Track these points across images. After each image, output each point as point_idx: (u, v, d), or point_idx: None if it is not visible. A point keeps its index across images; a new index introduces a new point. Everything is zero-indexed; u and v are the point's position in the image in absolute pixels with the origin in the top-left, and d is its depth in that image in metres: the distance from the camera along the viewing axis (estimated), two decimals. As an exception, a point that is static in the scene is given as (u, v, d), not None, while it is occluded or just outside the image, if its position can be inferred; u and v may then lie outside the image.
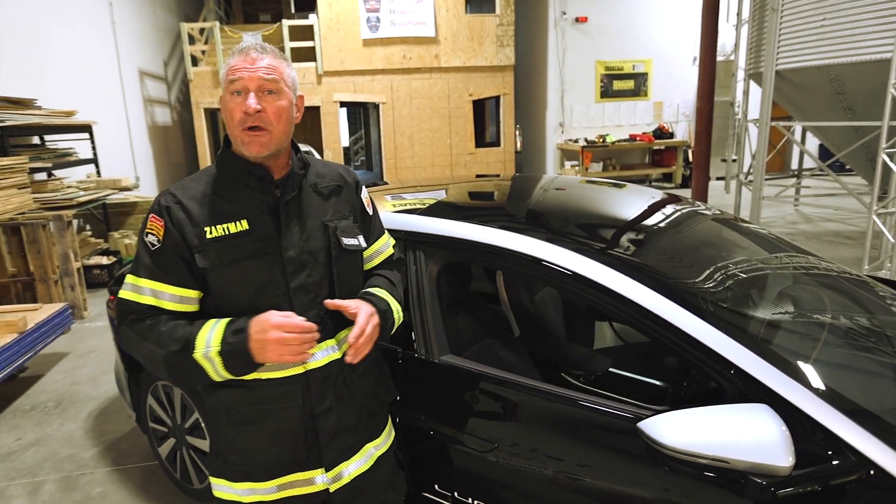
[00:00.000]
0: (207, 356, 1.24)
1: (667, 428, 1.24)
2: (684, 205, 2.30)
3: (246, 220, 1.29)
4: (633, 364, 2.26)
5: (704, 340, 1.35)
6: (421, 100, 10.09)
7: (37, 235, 4.72)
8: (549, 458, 1.48)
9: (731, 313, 1.52)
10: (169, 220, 1.27)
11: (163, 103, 9.80)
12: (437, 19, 9.77)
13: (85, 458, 2.96)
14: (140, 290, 1.29)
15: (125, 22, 8.34)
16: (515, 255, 1.67)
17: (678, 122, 11.25)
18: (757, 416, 1.18)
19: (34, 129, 5.46)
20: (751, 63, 7.15)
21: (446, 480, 1.66)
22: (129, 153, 8.17)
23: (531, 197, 2.41)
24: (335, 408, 1.37)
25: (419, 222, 1.88)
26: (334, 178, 1.46)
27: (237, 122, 1.25)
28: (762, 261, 1.98)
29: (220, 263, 1.27)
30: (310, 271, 1.33)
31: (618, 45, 10.75)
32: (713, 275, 1.70)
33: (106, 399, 3.58)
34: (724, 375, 1.32)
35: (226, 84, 1.27)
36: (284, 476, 1.36)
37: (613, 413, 1.43)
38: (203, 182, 1.34)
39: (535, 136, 11.47)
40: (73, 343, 4.48)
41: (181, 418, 2.43)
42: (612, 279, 1.50)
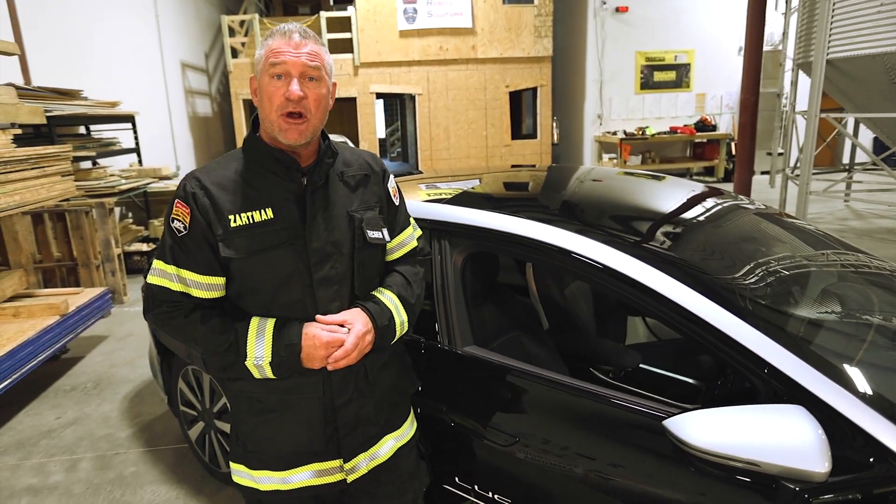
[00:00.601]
0: (258, 365, 1.27)
1: (694, 427, 1.19)
2: (725, 198, 2.22)
3: (271, 208, 1.26)
4: (666, 361, 2.19)
5: (737, 337, 1.30)
6: (457, 91, 10.02)
7: (80, 222, 4.87)
8: (573, 454, 1.45)
9: (768, 310, 1.46)
10: (195, 206, 1.25)
11: (203, 94, 10.02)
12: (475, 10, 9.67)
13: (120, 438, 3.05)
14: (170, 276, 1.28)
15: (168, 15, 8.54)
16: (543, 246, 1.62)
17: (721, 115, 10.91)
18: (791, 417, 1.13)
19: (80, 119, 5.64)
20: (800, 52, 6.89)
21: (467, 473, 1.64)
22: (171, 143, 8.38)
23: (566, 188, 2.35)
24: (355, 400, 1.37)
25: (444, 211, 1.85)
26: (361, 166, 1.43)
27: (276, 106, 1.22)
28: (807, 257, 1.90)
29: (244, 253, 1.25)
30: (334, 263, 1.31)
31: (659, 35, 10.45)
32: (752, 271, 1.64)
33: (141, 382, 3.68)
34: (757, 374, 1.26)
35: (265, 66, 1.23)
36: (302, 466, 1.36)
37: (639, 410, 1.39)
38: (229, 167, 1.31)
39: (573, 129, 11.29)
40: (113, 327, 4.62)
41: (210, 402, 2.46)
42: (644, 273, 1.45)
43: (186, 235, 1.26)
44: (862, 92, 6.27)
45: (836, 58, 5.93)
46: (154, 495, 2.57)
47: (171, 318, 1.29)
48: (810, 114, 6.21)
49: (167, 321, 1.29)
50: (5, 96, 3.64)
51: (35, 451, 2.97)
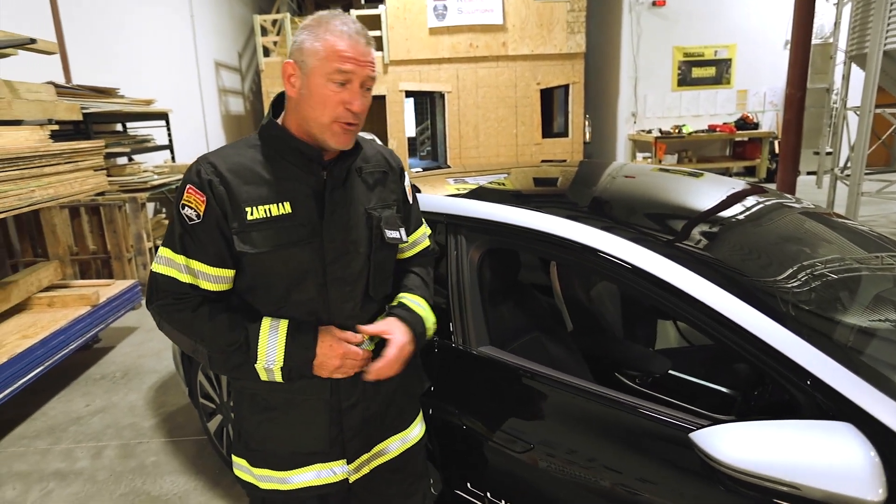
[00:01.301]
0: (269, 369, 1.23)
1: (725, 441, 1.08)
2: (768, 196, 2.09)
3: (289, 202, 1.20)
4: (698, 368, 2.07)
5: (776, 344, 1.18)
6: (487, 89, 9.91)
7: (114, 216, 5.01)
8: (591, 464, 1.36)
9: (813, 316, 1.34)
10: (211, 194, 1.18)
11: (236, 93, 10.19)
12: (506, 6, 9.54)
13: (144, 427, 3.11)
14: (178, 266, 1.21)
15: (203, 15, 8.71)
16: (566, 243, 1.53)
17: (764, 112, 10.44)
18: (839, 436, 1.00)
19: (116, 116, 5.79)
20: (853, 44, 6.51)
21: (480, 479, 1.57)
22: (204, 140, 8.55)
23: (596, 183, 2.25)
24: (362, 402, 1.34)
25: (461, 205, 1.79)
26: (379, 163, 1.38)
27: (332, 112, 1.16)
28: (858, 259, 1.75)
29: (260, 249, 1.19)
30: (349, 262, 1.26)
31: (698, 29, 10.05)
32: (796, 273, 1.51)
33: (167, 373, 3.75)
34: (799, 386, 1.14)
35: (321, 63, 1.14)
36: (304, 467, 1.33)
37: (665, 420, 1.29)
38: (244, 154, 1.23)
39: (606, 127, 11.03)
40: (142, 318, 4.73)
41: (227, 396, 2.47)
42: (675, 274, 1.35)
43: (199, 224, 1.19)
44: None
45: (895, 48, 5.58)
46: (173, 485, 2.61)
47: (176, 311, 1.22)
48: (864, 109, 5.85)
49: (172, 314, 1.23)
50: (44, 94, 3.75)
51: (64, 436, 3.05)
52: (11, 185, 3.04)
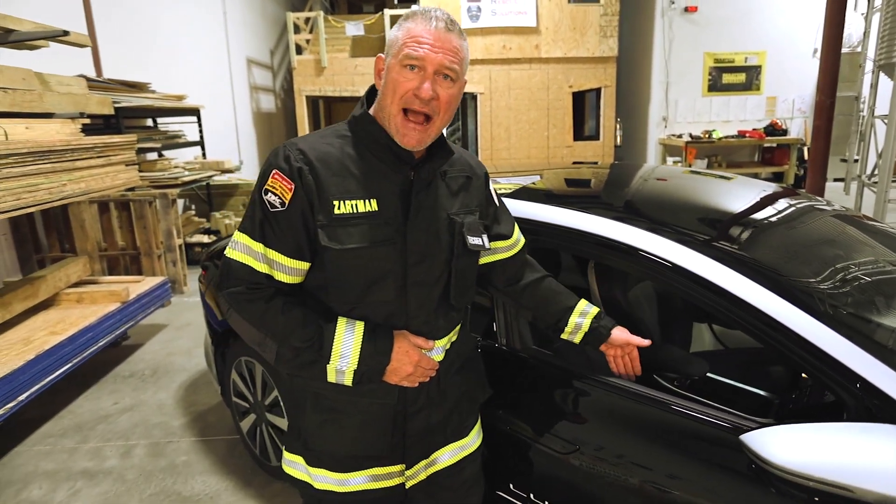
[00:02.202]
0: (341, 370, 1.19)
1: (776, 443, 1.09)
2: (802, 199, 2.13)
3: (375, 199, 1.16)
4: (734, 371, 2.05)
5: (825, 348, 1.20)
6: (519, 91, 9.84)
7: (144, 211, 4.97)
8: (637, 465, 1.36)
9: (858, 319, 1.37)
10: (300, 183, 1.13)
11: (268, 90, 10.20)
12: (539, 9, 9.48)
13: (174, 426, 3.03)
14: (255, 254, 1.17)
15: (236, 12, 8.72)
16: (610, 244, 1.55)
17: (793, 119, 10.39)
18: (890, 438, 1.03)
19: (147, 111, 5.78)
20: (882, 53, 6.63)
21: (523, 480, 1.57)
22: (235, 137, 8.55)
23: (630, 185, 2.25)
24: (426, 408, 1.32)
25: (509, 206, 1.75)
26: (464, 167, 1.35)
27: (400, 97, 1.13)
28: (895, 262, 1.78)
29: (346, 245, 1.15)
30: (429, 266, 1.23)
31: (729, 35, 10.02)
32: (840, 275, 1.54)
33: (197, 371, 3.67)
34: (848, 389, 1.16)
35: (398, 49, 1.13)
36: (362, 470, 1.30)
37: (712, 422, 1.30)
38: (333, 143, 1.20)
39: (637, 131, 10.94)
40: (172, 316, 4.68)
41: (262, 395, 2.41)
42: (720, 274, 1.36)
43: (283, 213, 1.14)
44: None
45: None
46: (204, 485, 2.53)
47: (249, 302, 1.17)
48: (892, 117, 6.02)
49: (244, 304, 1.18)
50: (76, 87, 3.70)
51: (92, 434, 2.98)
52: (43, 178, 2.99)
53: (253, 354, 2.39)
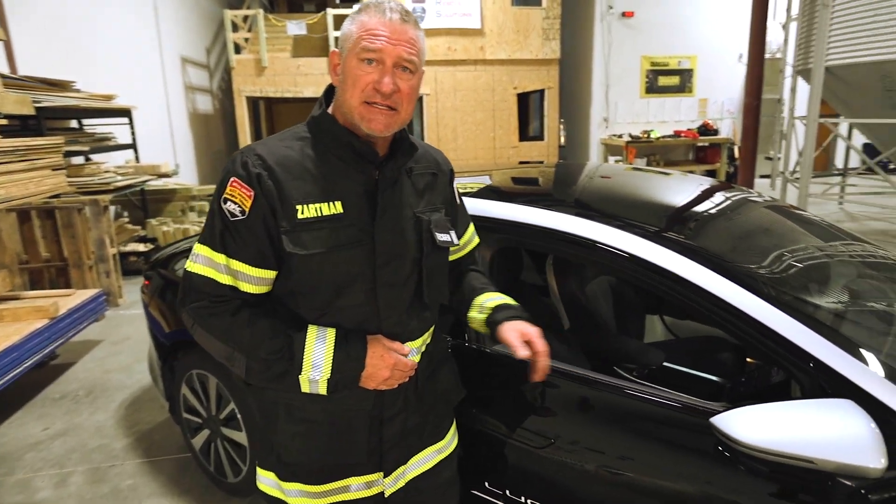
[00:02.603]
0: (314, 380, 1.15)
1: (743, 424, 1.15)
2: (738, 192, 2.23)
3: (340, 201, 1.14)
4: (686, 359, 2.15)
5: (780, 330, 1.27)
6: (465, 92, 9.89)
7: (72, 220, 4.59)
8: (610, 455, 1.40)
9: (803, 302, 1.44)
10: (259, 189, 1.09)
11: (204, 91, 9.76)
12: (484, 11, 9.57)
13: (115, 448, 2.80)
14: (218, 266, 1.12)
15: (167, 7, 8.28)
16: (580, 241, 1.57)
17: (722, 120, 11.02)
18: (844, 412, 1.10)
19: (72, 111, 5.36)
20: (799, 59, 7.21)
21: (498, 477, 1.57)
22: (170, 140, 8.11)
23: (586, 182, 2.30)
24: (403, 412, 1.29)
25: (471, 205, 1.76)
26: (430, 164, 1.33)
27: (360, 92, 1.10)
28: (826, 248, 1.91)
29: (312, 250, 1.11)
30: (398, 266, 1.20)
31: (664, 40, 10.51)
32: (781, 261, 1.63)
33: (139, 388, 3.41)
34: (802, 368, 1.23)
35: (353, 43, 1.10)
36: (339, 480, 1.26)
37: (682, 408, 1.34)
38: (292, 146, 1.16)
39: (579, 131, 11.23)
40: (107, 330, 4.35)
41: (216, 409, 2.27)
42: (688, 269, 1.41)
43: (243, 221, 1.10)
44: (857, 98, 6.58)
45: (834, 65, 6.24)
46: (154, 511, 2.32)
47: (213, 316, 1.13)
48: (810, 119, 6.49)
49: (208, 318, 1.14)
50: (-13, 84, 3.37)
51: (19, 465, 2.70)
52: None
53: (206, 367, 2.23)
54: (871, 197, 8.41)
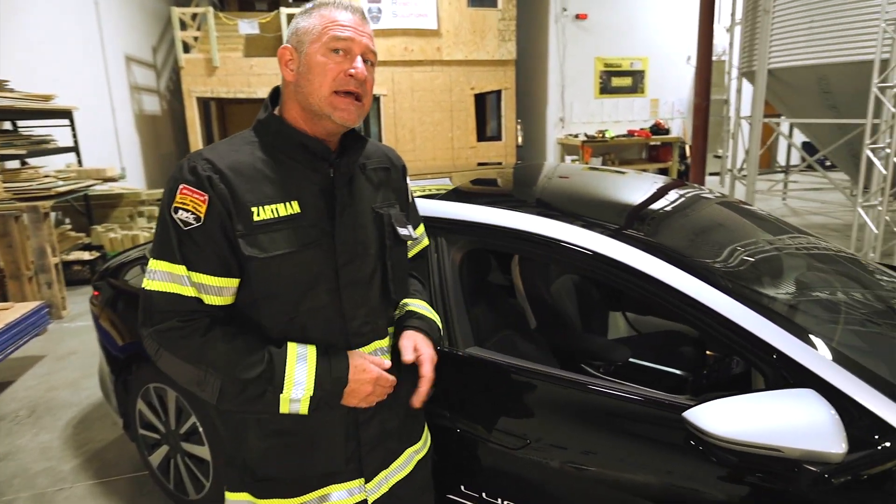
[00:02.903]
0: (296, 399, 1.10)
1: (714, 417, 1.18)
2: (691, 188, 2.28)
3: (296, 201, 1.11)
4: (648, 354, 2.20)
5: (745, 325, 1.31)
6: (422, 93, 9.85)
7: (8, 228, 4.31)
8: (585, 453, 1.42)
9: (766, 296, 1.48)
10: (213, 193, 1.05)
11: (151, 91, 9.37)
12: (440, 12, 9.56)
13: (63, 471, 2.62)
14: (179, 279, 1.06)
15: (109, 3, 7.89)
16: (546, 241, 1.57)
17: (673, 119, 11.36)
18: (807, 402, 1.15)
19: (5, 112, 5.03)
20: (744, 62, 7.51)
21: (474, 480, 1.57)
22: (115, 142, 7.73)
23: (546, 182, 2.33)
24: (379, 413, 1.25)
25: (443, 208, 1.76)
26: (382, 159, 1.32)
27: (331, 81, 1.09)
28: (776, 241, 1.96)
29: (271, 253, 1.08)
30: (360, 264, 1.18)
31: (616, 42, 10.77)
32: (740, 256, 1.68)
33: (88, 405, 3.21)
34: (766, 360, 1.27)
35: (318, 35, 1.10)
36: (319, 490, 1.21)
37: (654, 404, 1.37)
38: (241, 150, 1.13)
39: (536, 131, 11.38)
40: (50, 345, 4.09)
41: (176, 424, 2.16)
42: (659, 269, 1.43)
43: (198, 228, 1.05)
44: (797, 99, 6.88)
45: (776, 68, 6.50)
46: (108, 536, 2.18)
47: (183, 338, 1.06)
48: (755, 119, 6.77)
49: (177, 341, 1.06)
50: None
51: (-46, 494, 2.48)
52: None
53: (164, 380, 2.11)
54: (812, 193, 8.87)
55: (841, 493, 1.13)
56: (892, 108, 5.03)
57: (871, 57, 5.20)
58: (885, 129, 5.14)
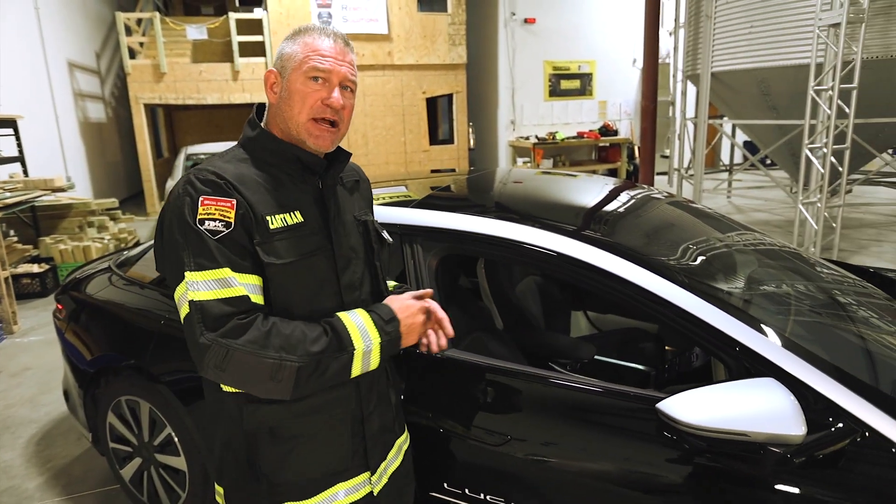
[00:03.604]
0: (368, 351, 1.18)
1: (685, 407, 1.26)
2: (641, 189, 2.36)
3: (298, 211, 1.18)
4: (611, 350, 2.29)
5: (710, 320, 1.39)
6: (374, 97, 9.91)
7: (-45, 241, 4.20)
8: (564, 446, 1.48)
9: (727, 293, 1.57)
10: (240, 197, 1.11)
11: (96, 98, 9.11)
12: (390, 17, 9.63)
13: (28, 489, 2.61)
14: (227, 282, 1.07)
15: (50, 8, 7.65)
16: (524, 248, 1.64)
17: (621, 121, 11.72)
18: (769, 390, 1.24)
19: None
20: (688, 65, 7.67)
21: (457, 477, 1.61)
22: (59, 151, 7.51)
23: (502, 188, 2.40)
24: (378, 406, 1.33)
25: (417, 216, 1.83)
26: (352, 172, 1.41)
27: (309, 108, 1.16)
28: (726, 239, 2.04)
29: (286, 259, 1.14)
30: (354, 268, 1.27)
31: (564, 46, 11.04)
32: (697, 254, 1.78)
33: (49, 421, 3.19)
34: (729, 353, 1.36)
35: (299, 63, 1.16)
36: (329, 488, 1.26)
37: (628, 397, 1.44)
38: (238, 166, 1.17)
39: (488, 134, 11.55)
40: (3, 361, 4.00)
41: (150, 435, 2.18)
42: (634, 273, 1.51)
43: (230, 234, 1.08)
44: (739, 101, 7.09)
45: (718, 71, 6.67)
46: (81, 551, 2.21)
47: (248, 331, 1.06)
48: (700, 120, 6.96)
49: (244, 335, 1.06)
50: None
51: (-86, 517, 2.47)
52: None
53: (136, 392, 2.15)
54: (755, 191, 9.22)
55: (802, 471, 1.22)
56: (828, 110, 5.22)
57: (807, 61, 5.45)
58: (822, 130, 5.36)
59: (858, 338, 1.59)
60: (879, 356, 1.51)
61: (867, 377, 1.36)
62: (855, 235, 6.78)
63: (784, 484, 1.24)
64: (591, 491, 1.44)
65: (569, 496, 1.48)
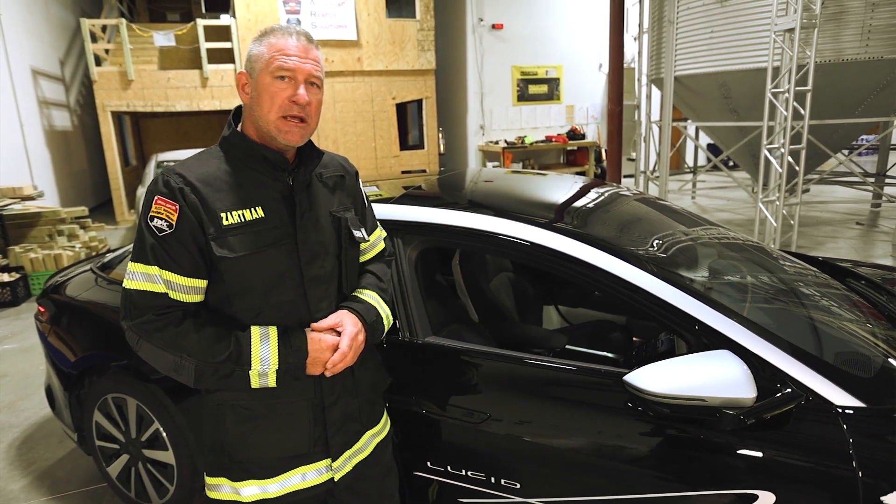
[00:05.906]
0: (263, 373, 1.24)
1: (649, 378, 1.39)
2: (609, 187, 2.50)
3: (260, 206, 1.25)
4: (582, 341, 2.42)
5: (672, 301, 1.53)
6: (344, 103, 9.96)
7: (-76, 251, 4.15)
8: (540, 422, 1.59)
9: (688, 278, 1.71)
10: (184, 203, 1.19)
11: (61, 106, 8.96)
12: (359, 23, 9.68)
13: (13, 490, 2.63)
14: (153, 278, 1.20)
15: (12, 15, 7.53)
16: (502, 240, 1.73)
17: (588, 124, 11.94)
18: (723, 360, 1.38)
19: None
20: (652, 70, 7.85)
21: (439, 456, 1.70)
22: (25, 160, 7.38)
23: (474, 186, 2.48)
24: (342, 398, 1.38)
25: (397, 211, 1.91)
26: (336, 168, 1.45)
27: (278, 107, 1.22)
28: (691, 232, 2.18)
29: (240, 253, 1.22)
30: (322, 262, 1.32)
31: (532, 51, 11.21)
32: (661, 244, 1.91)
33: (29, 426, 3.20)
34: (689, 330, 1.51)
35: (266, 63, 1.22)
36: (290, 471, 1.34)
37: (596, 372, 1.59)
38: (209, 164, 1.27)
39: (458, 138, 11.65)
40: (-22, 368, 3.98)
41: (137, 432, 2.23)
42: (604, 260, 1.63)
43: (171, 234, 1.19)
44: (702, 104, 7.31)
45: (681, 75, 6.85)
46: (71, 547, 2.26)
47: (158, 329, 1.20)
48: (664, 123, 7.18)
49: (154, 332, 1.20)
50: None
51: None
52: None
53: (123, 390, 2.21)
54: (718, 191, 9.50)
55: (752, 431, 1.37)
56: (785, 112, 5.42)
57: (765, 64, 5.62)
58: (779, 131, 5.56)
59: (807, 317, 1.76)
60: (824, 332, 1.70)
61: (813, 349, 1.50)
62: (812, 233, 7.06)
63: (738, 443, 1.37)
64: (568, 461, 1.56)
65: (547, 468, 1.59)
